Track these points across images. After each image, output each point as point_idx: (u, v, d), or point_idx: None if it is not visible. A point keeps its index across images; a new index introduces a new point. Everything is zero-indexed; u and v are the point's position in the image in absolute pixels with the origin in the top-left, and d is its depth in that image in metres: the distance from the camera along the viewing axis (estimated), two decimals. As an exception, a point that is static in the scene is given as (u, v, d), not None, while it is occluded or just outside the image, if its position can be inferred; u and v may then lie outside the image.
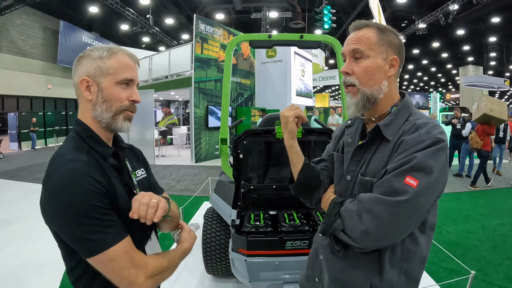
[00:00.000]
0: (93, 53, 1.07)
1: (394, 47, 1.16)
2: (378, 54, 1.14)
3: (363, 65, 1.14)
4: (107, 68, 1.05)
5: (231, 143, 2.90)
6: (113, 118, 1.07)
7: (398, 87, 1.22)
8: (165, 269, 1.04)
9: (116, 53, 1.08)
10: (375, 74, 1.14)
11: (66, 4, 17.59)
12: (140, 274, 0.96)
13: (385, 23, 11.83)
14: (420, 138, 1.02)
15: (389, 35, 1.16)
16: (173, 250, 1.14)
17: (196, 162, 11.31)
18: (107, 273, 0.94)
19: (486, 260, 3.83)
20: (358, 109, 1.17)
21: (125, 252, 0.95)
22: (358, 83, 1.15)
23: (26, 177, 9.06)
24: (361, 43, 1.14)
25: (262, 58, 14.60)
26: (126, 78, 1.08)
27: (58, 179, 0.92)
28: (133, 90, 1.11)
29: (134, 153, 1.30)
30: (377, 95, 1.15)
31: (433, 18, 17.42)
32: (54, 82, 19.36)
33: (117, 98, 1.07)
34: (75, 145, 1.03)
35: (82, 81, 1.05)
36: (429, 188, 0.97)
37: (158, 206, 1.01)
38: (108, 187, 1.00)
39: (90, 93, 1.06)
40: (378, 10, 11.81)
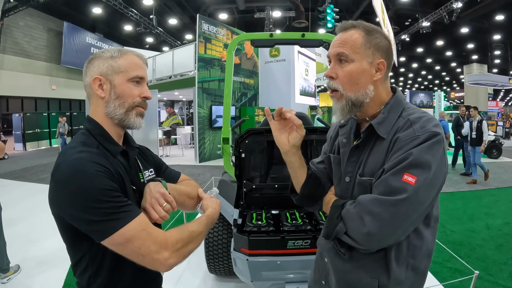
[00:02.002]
0: (104, 54, 1.11)
1: (381, 50, 1.12)
2: (363, 57, 1.10)
3: (347, 70, 1.10)
4: (118, 67, 1.09)
5: (233, 143, 2.90)
6: (126, 114, 1.10)
7: (388, 86, 1.19)
8: (188, 241, 1.02)
9: (126, 53, 1.13)
10: (360, 78, 1.10)
11: (69, 5, 17.64)
12: (162, 250, 0.95)
13: (389, 22, 11.73)
14: (414, 134, 1.01)
15: (376, 37, 1.12)
16: (195, 220, 1.12)
17: (200, 162, 11.33)
18: (128, 254, 0.94)
19: (490, 259, 3.80)
20: (344, 114, 1.15)
21: (142, 230, 0.94)
22: (342, 89, 1.12)
23: (31, 177, 9.12)
24: (346, 46, 1.10)
25: (265, 58, 14.59)
26: (137, 76, 1.12)
27: (65, 169, 0.93)
28: (143, 87, 1.15)
29: (143, 154, 1.31)
30: (362, 100, 1.12)
31: (437, 16, 17.33)
32: (59, 83, 19.44)
33: (129, 95, 1.10)
34: (85, 140, 1.05)
35: (95, 79, 1.08)
36: (428, 183, 0.96)
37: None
38: (116, 175, 1.01)
39: (102, 90, 1.09)
40: (381, 9, 11.77)
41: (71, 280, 3.29)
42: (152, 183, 1.12)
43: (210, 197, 1.28)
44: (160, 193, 1.08)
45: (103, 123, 1.10)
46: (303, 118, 3.21)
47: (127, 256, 0.94)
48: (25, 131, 16.97)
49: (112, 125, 1.11)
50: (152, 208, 1.06)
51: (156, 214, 1.05)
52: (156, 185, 1.11)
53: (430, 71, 37.64)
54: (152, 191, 1.08)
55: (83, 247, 1.01)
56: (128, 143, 1.22)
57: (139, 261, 0.94)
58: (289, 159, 1.25)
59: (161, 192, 1.08)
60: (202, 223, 1.12)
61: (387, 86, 1.19)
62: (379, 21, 11.00)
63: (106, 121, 1.10)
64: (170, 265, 0.96)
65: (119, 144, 1.14)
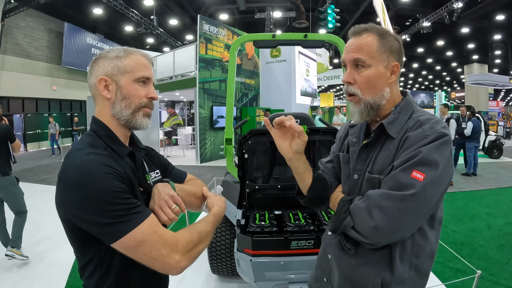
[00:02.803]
0: (109, 54, 1.09)
1: (394, 52, 1.15)
2: (379, 62, 1.13)
3: (365, 75, 1.13)
4: (124, 67, 1.07)
5: (236, 143, 2.90)
6: (133, 115, 1.09)
7: (399, 89, 1.22)
8: (197, 242, 1.01)
9: (132, 53, 1.11)
10: (377, 82, 1.13)
11: (70, 6, 17.66)
12: (173, 253, 0.93)
13: (389, 22, 11.68)
14: (424, 134, 1.04)
15: (389, 40, 1.14)
16: (202, 220, 1.12)
17: (201, 162, 11.35)
18: (139, 258, 0.93)
19: (492, 259, 3.80)
20: (363, 117, 1.17)
21: (152, 232, 0.92)
22: (360, 93, 1.14)
23: (32, 178, 9.13)
24: (362, 52, 1.12)
25: (266, 58, 14.60)
26: (144, 76, 1.10)
27: (74, 172, 0.92)
28: (150, 87, 1.13)
29: (149, 155, 1.31)
30: (379, 102, 1.15)
31: (437, 16, 17.33)
32: (59, 84, 19.46)
33: (136, 95, 1.09)
34: (92, 142, 1.04)
35: (100, 80, 1.06)
36: (435, 181, 0.99)
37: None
38: (125, 176, 1.00)
39: (108, 91, 1.07)
40: (382, 9, 11.74)
41: (73, 281, 3.30)
42: (160, 184, 1.11)
43: (215, 195, 1.27)
44: (169, 195, 1.07)
45: (110, 124, 1.09)
46: (305, 119, 3.21)
47: (138, 260, 0.93)
48: (26, 131, 16.98)
49: (118, 126, 1.10)
50: (161, 210, 1.05)
51: (165, 216, 1.04)
52: (164, 186, 1.10)
53: (430, 71, 37.60)
54: (160, 192, 1.07)
55: (91, 250, 1.00)
56: (135, 144, 1.20)
57: (150, 264, 0.93)
58: (294, 165, 1.26)
59: (170, 194, 1.07)
60: (209, 222, 1.11)
61: (398, 88, 1.22)
62: (380, 21, 10.99)
63: (112, 122, 1.09)
64: (181, 268, 0.95)
65: (126, 145, 1.13)
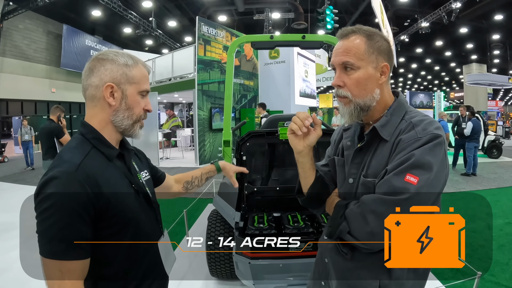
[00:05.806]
0: (118, 59, 1.08)
1: (383, 53, 1.14)
2: (368, 63, 1.12)
3: (354, 77, 1.12)
4: (132, 77, 1.08)
5: (234, 145, 2.89)
6: (132, 126, 1.12)
7: (390, 89, 1.21)
8: None
9: (138, 63, 1.12)
10: (367, 84, 1.13)
11: (69, 8, 17.64)
12: None
13: (388, 23, 11.73)
14: (417, 136, 1.03)
15: (377, 40, 1.14)
16: None
17: (200, 164, 11.31)
18: (47, 280, 0.95)
19: (492, 260, 3.79)
20: (352, 118, 1.17)
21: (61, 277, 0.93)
22: (351, 95, 1.14)
23: (31, 180, 9.12)
24: (350, 55, 1.12)
25: (265, 59, 14.57)
26: (146, 90, 1.13)
27: (46, 179, 0.96)
28: (147, 100, 1.15)
29: (138, 156, 1.31)
30: (370, 104, 1.15)
31: (436, 17, 17.36)
32: (58, 86, 19.42)
33: (138, 107, 1.11)
34: (77, 144, 1.04)
35: (107, 87, 1.05)
36: (430, 184, 0.99)
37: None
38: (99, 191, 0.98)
39: (113, 99, 1.07)
40: (380, 10, 11.76)
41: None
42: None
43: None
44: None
45: (104, 128, 1.08)
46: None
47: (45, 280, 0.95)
48: (25, 134, 16.90)
49: (113, 132, 1.10)
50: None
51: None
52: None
53: (429, 71, 37.65)
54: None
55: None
56: (124, 146, 1.20)
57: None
58: (302, 159, 1.26)
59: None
60: None
61: (389, 88, 1.21)
62: (379, 22, 11.01)
63: (108, 127, 1.08)
64: None
65: (114, 147, 1.12)
